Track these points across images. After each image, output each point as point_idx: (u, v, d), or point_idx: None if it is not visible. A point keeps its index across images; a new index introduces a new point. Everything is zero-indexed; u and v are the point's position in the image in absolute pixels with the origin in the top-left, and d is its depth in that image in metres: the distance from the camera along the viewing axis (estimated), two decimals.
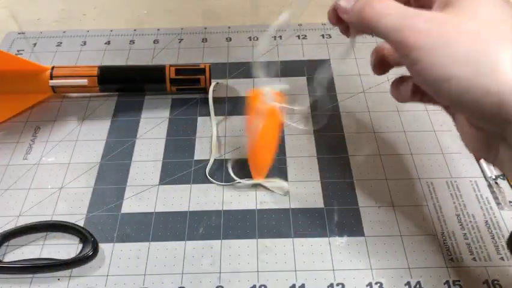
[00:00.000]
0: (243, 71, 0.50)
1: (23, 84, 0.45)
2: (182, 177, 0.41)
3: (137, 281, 0.35)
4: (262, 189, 0.40)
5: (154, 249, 0.36)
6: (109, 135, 0.44)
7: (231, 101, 0.47)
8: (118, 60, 0.52)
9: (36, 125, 0.45)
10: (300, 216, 0.38)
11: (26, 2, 0.61)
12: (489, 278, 0.34)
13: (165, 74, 0.46)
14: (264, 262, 0.35)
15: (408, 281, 0.34)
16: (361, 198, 0.39)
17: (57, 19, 0.58)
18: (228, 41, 0.54)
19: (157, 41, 0.54)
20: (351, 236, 0.37)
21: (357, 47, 0.53)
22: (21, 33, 0.55)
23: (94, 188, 0.40)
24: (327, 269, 0.35)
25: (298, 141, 0.43)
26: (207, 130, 0.44)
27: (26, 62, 0.45)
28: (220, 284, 0.34)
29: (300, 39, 0.53)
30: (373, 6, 0.28)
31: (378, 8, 0.27)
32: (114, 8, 0.60)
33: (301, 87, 0.48)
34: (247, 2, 0.60)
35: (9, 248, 0.37)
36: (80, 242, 0.37)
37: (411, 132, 0.44)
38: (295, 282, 0.34)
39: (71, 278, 0.35)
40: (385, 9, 0.27)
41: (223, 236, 0.37)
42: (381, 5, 0.27)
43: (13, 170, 0.42)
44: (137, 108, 0.47)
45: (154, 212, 0.39)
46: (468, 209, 0.38)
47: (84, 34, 0.55)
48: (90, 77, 0.45)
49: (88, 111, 0.47)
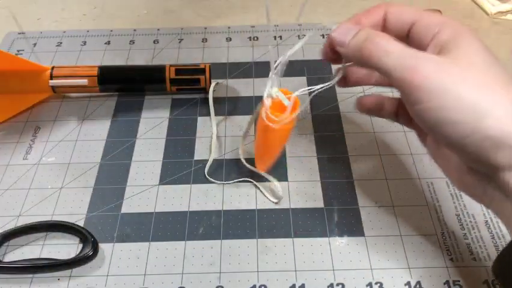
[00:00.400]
0: (243, 71, 0.50)
1: (23, 84, 0.45)
2: (182, 177, 0.41)
3: (137, 281, 0.35)
4: (262, 189, 0.40)
5: (154, 249, 0.36)
6: (109, 135, 0.44)
7: (231, 101, 0.47)
8: (118, 60, 0.52)
9: (36, 125, 0.45)
10: (300, 216, 0.38)
11: (26, 2, 0.61)
12: (489, 278, 0.34)
13: (165, 74, 0.46)
14: (264, 262, 0.35)
15: (408, 281, 0.34)
16: (361, 198, 0.39)
17: (57, 19, 0.58)
18: (228, 41, 0.54)
19: (157, 41, 0.54)
20: (351, 236, 0.37)
21: None
22: (21, 33, 0.55)
23: (94, 188, 0.40)
24: (327, 269, 0.35)
25: (299, 141, 0.43)
26: (207, 130, 0.44)
27: (26, 62, 0.45)
28: (220, 284, 0.34)
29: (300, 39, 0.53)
30: (376, 43, 0.28)
31: (381, 45, 0.28)
32: (114, 8, 0.60)
33: (301, 87, 0.48)
34: (247, 1, 0.60)
35: (9, 248, 0.37)
36: (80, 242, 0.37)
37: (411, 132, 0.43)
38: (295, 282, 0.34)
39: (71, 278, 0.35)
40: (388, 46, 0.28)
41: (223, 236, 0.37)
42: (384, 42, 0.28)
43: (13, 170, 0.42)
44: (137, 108, 0.47)
45: (154, 212, 0.39)
46: (468, 209, 0.38)
47: (84, 34, 0.55)
48: (90, 77, 0.45)
49: (88, 111, 0.47)
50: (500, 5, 0.57)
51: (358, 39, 0.29)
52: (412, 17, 0.30)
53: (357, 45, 0.29)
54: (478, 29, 0.55)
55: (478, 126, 0.25)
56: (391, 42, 0.28)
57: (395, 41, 0.28)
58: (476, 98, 0.26)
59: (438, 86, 0.26)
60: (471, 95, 0.26)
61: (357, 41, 0.29)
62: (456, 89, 0.26)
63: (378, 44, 0.28)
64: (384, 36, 0.28)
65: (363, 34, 0.29)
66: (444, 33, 0.28)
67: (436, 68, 0.26)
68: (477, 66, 0.27)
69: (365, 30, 0.29)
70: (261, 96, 0.34)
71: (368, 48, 0.28)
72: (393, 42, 0.28)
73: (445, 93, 0.26)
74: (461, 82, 0.26)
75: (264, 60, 0.51)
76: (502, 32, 0.54)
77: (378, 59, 0.28)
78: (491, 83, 0.26)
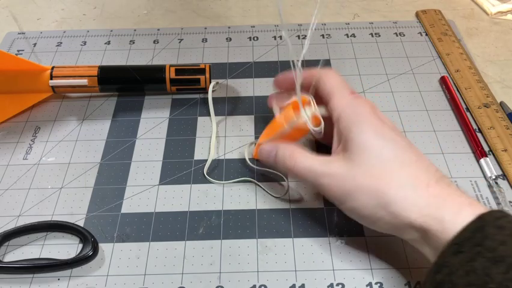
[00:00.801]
0: (243, 71, 0.50)
1: (23, 84, 0.45)
2: (182, 177, 0.41)
3: (137, 281, 0.35)
4: (262, 189, 0.40)
5: (154, 249, 0.36)
6: (109, 135, 0.44)
7: (231, 101, 0.47)
8: (118, 60, 0.52)
9: (36, 125, 0.45)
10: (300, 216, 0.38)
11: (26, 2, 0.61)
12: None
13: (165, 74, 0.46)
14: (264, 262, 0.35)
15: (408, 281, 0.34)
16: None
17: (57, 19, 0.58)
18: (228, 41, 0.54)
19: (157, 41, 0.54)
20: (351, 236, 0.37)
21: (357, 46, 0.53)
22: (21, 33, 0.55)
23: (94, 188, 0.40)
24: (327, 269, 0.35)
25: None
26: (207, 130, 0.44)
27: (26, 62, 0.45)
28: (220, 284, 0.34)
29: (300, 39, 0.53)
30: (300, 165, 0.35)
31: (297, 163, 0.35)
32: (114, 8, 0.60)
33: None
34: (247, 2, 0.60)
35: (9, 248, 0.37)
36: (80, 242, 0.37)
37: (411, 132, 0.44)
38: (295, 282, 0.34)
39: (71, 278, 0.35)
40: (301, 168, 0.34)
41: (223, 236, 0.37)
42: (297, 166, 0.35)
43: (13, 170, 0.42)
44: (137, 108, 0.47)
45: (154, 212, 0.39)
46: None
47: (84, 34, 0.55)
48: (90, 77, 0.45)
49: (88, 111, 0.47)
50: (500, 5, 0.57)
51: (279, 161, 0.36)
52: (329, 93, 0.36)
53: (281, 165, 0.36)
54: (477, 28, 0.55)
55: (380, 215, 0.31)
56: (302, 163, 0.34)
57: (304, 160, 0.34)
58: (374, 195, 0.31)
59: (335, 194, 0.33)
60: (368, 196, 0.31)
61: (280, 162, 0.36)
62: (351, 194, 0.32)
63: (295, 167, 0.35)
64: (293, 154, 0.35)
65: (280, 155, 0.36)
66: (343, 121, 0.34)
67: (331, 181, 0.33)
68: (368, 164, 0.32)
69: (280, 152, 0.36)
70: (261, 96, 0.34)
71: (288, 166, 0.35)
72: (303, 164, 0.34)
73: (343, 200, 0.33)
74: (355, 188, 0.32)
75: (264, 60, 0.51)
76: (502, 32, 0.54)
77: (301, 175, 0.35)
78: (382, 173, 0.31)
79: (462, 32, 0.54)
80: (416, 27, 0.55)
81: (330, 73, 0.37)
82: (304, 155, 0.35)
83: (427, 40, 0.53)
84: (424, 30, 0.54)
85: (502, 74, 0.49)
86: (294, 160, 0.35)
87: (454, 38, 0.52)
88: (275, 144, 0.37)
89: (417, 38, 0.53)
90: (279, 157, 0.36)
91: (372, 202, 0.31)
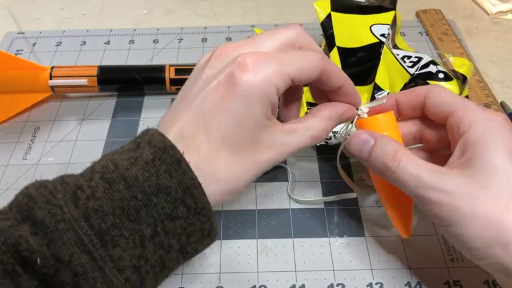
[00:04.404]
0: None
1: (22, 84, 0.45)
2: None
3: None
4: (262, 189, 0.40)
5: None
6: (109, 135, 0.44)
7: None
8: (118, 60, 0.52)
9: (36, 125, 0.45)
10: (300, 216, 0.38)
11: (26, 2, 0.61)
12: (489, 278, 0.34)
13: (165, 74, 0.46)
14: (264, 262, 0.35)
15: (409, 281, 0.34)
16: (361, 198, 0.39)
17: (57, 19, 0.58)
18: (228, 41, 0.54)
19: (156, 41, 0.54)
20: (351, 236, 0.37)
21: None
22: (21, 33, 0.55)
23: None
24: (327, 269, 0.35)
25: None
26: None
27: (26, 62, 0.45)
28: (220, 285, 0.34)
29: None
30: (403, 168, 0.29)
31: (399, 171, 0.29)
32: (114, 8, 0.60)
33: None
34: (247, 2, 0.60)
35: None
36: None
37: None
38: (295, 283, 0.34)
39: None
40: (405, 173, 0.28)
41: (223, 236, 0.37)
42: (401, 170, 0.29)
43: (13, 170, 0.42)
44: (137, 108, 0.47)
45: None
46: None
47: (84, 34, 0.55)
48: (90, 77, 0.45)
49: (87, 111, 0.46)
50: (500, 5, 0.57)
51: (377, 157, 0.30)
52: (449, 107, 0.30)
53: (378, 163, 0.30)
54: (478, 28, 0.55)
55: (493, 253, 0.26)
56: (408, 164, 0.29)
57: (416, 163, 0.29)
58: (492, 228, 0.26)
59: (453, 215, 0.27)
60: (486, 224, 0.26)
61: (377, 159, 0.30)
62: (471, 219, 0.27)
63: (398, 164, 0.29)
64: (397, 153, 0.29)
65: (381, 152, 0.30)
66: (472, 134, 0.28)
67: (448, 198, 0.27)
68: (494, 185, 0.27)
69: (380, 146, 0.30)
70: None
71: (388, 165, 0.29)
72: (410, 165, 0.29)
73: (462, 222, 0.27)
74: (480, 206, 0.27)
75: None
76: (502, 32, 0.54)
77: (401, 181, 0.29)
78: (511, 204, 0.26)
79: (462, 31, 0.54)
80: (416, 27, 0.55)
81: (441, 88, 0.32)
82: (411, 157, 0.29)
83: (427, 40, 0.53)
84: (424, 30, 0.54)
85: (503, 73, 0.49)
86: (398, 160, 0.29)
87: (454, 37, 0.52)
88: (374, 133, 0.31)
89: (417, 38, 0.53)
90: (377, 152, 0.30)
91: (486, 234, 0.26)
